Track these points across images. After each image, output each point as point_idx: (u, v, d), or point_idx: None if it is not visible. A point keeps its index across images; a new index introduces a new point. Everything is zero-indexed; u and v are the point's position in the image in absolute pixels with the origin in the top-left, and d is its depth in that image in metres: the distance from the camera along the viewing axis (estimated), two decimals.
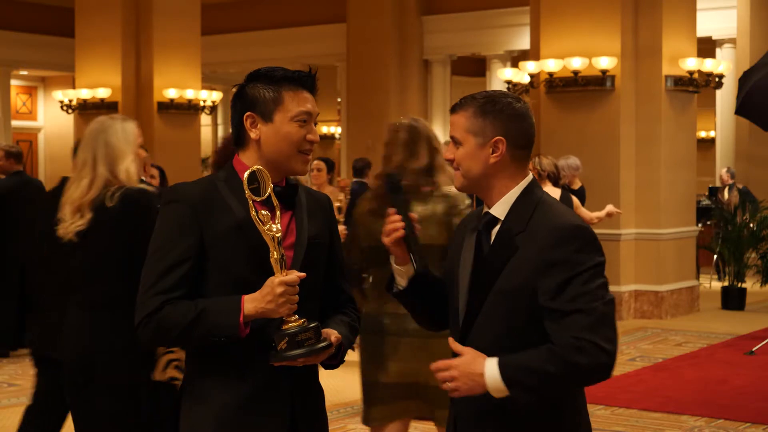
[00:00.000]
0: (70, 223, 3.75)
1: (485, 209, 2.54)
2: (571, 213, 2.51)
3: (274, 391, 2.52)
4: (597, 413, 6.63)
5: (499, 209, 2.50)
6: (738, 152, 15.66)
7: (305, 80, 2.59)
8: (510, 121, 2.48)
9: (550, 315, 2.37)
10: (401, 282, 2.60)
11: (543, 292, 2.38)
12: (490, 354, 2.38)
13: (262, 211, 2.43)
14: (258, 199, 2.44)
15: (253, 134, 2.56)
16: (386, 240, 2.53)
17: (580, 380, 2.42)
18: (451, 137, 2.54)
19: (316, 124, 2.62)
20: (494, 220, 2.50)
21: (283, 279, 2.40)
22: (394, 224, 2.52)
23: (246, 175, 2.45)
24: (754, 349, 8.81)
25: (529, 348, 2.37)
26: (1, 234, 8.84)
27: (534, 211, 2.46)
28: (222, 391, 2.50)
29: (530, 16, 12.42)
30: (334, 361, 2.60)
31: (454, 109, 2.53)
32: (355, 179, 9.73)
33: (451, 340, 2.46)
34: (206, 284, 2.50)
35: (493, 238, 2.49)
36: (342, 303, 2.72)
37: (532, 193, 2.50)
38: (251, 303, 2.42)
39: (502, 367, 2.35)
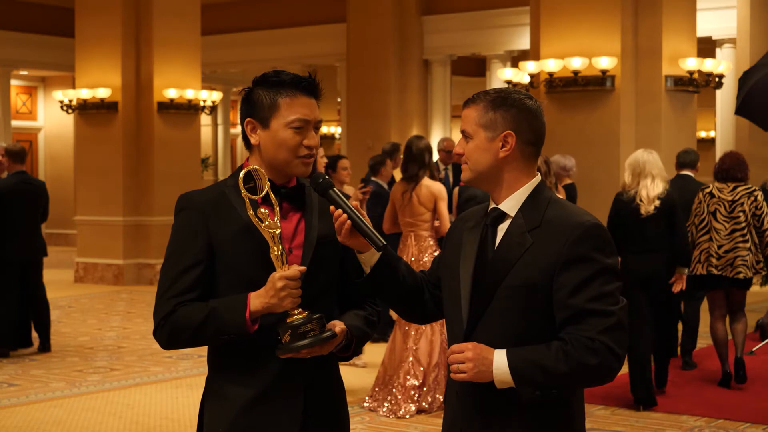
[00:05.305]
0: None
1: (491, 205, 2.54)
2: (586, 212, 2.51)
3: (287, 385, 2.57)
4: (597, 413, 6.63)
5: (509, 205, 2.50)
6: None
7: (303, 85, 2.60)
8: (521, 116, 2.49)
9: (566, 311, 2.38)
10: (366, 270, 2.60)
11: (561, 288, 2.38)
12: (498, 348, 2.39)
13: (261, 209, 2.49)
14: (254, 197, 2.48)
15: (253, 139, 2.63)
16: (340, 238, 2.53)
17: (587, 381, 2.43)
18: (462, 131, 2.55)
19: (318, 128, 2.63)
20: (502, 215, 2.51)
21: (284, 274, 2.46)
22: (339, 220, 2.52)
23: (242, 174, 2.50)
24: (754, 349, 8.82)
25: (538, 342, 2.38)
26: (1, 234, 8.82)
27: (547, 208, 2.47)
28: (237, 387, 2.58)
29: (530, 16, 12.42)
30: (347, 353, 2.64)
31: (466, 104, 2.55)
32: (373, 179, 9.53)
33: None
34: (219, 286, 2.58)
35: (501, 233, 2.49)
36: (361, 298, 2.73)
37: (542, 191, 2.51)
38: (257, 299, 2.49)
39: (511, 360, 2.37)
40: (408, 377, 6.71)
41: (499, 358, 2.37)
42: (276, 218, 2.49)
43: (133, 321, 10.95)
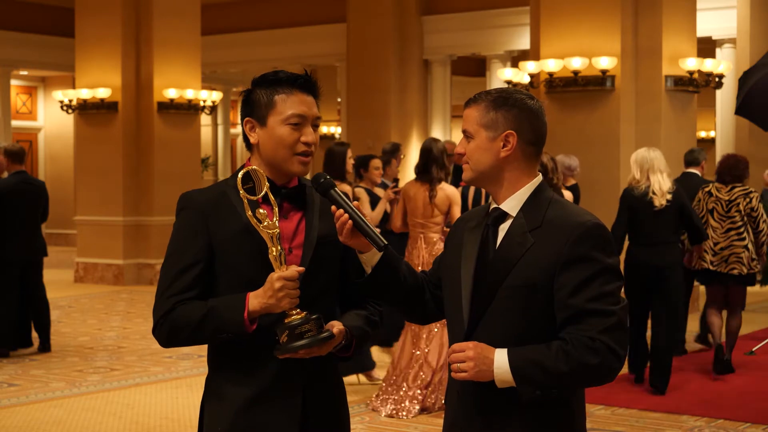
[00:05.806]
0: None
1: (493, 205, 2.54)
2: (587, 212, 2.51)
3: (286, 385, 2.58)
4: (597, 413, 6.63)
5: (510, 205, 2.50)
6: (738, 152, 15.67)
7: (300, 82, 2.61)
8: (522, 116, 2.48)
9: (567, 311, 2.38)
10: (367, 270, 2.59)
11: (561, 288, 2.38)
12: (499, 347, 2.39)
13: (260, 210, 2.49)
14: (252, 198, 2.49)
15: (252, 138, 2.63)
16: (342, 238, 2.53)
17: (588, 381, 2.43)
18: (464, 131, 2.54)
19: (317, 125, 2.63)
20: (504, 215, 2.50)
21: (282, 274, 2.46)
22: (341, 220, 2.52)
23: (240, 175, 2.51)
24: (754, 349, 8.82)
25: (538, 342, 2.38)
26: (1, 234, 8.82)
27: (548, 208, 2.47)
28: (236, 387, 2.59)
29: (530, 16, 12.42)
30: (347, 353, 2.63)
31: (467, 104, 2.55)
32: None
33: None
34: (219, 285, 2.59)
35: (502, 233, 2.49)
36: (362, 298, 2.73)
37: (544, 191, 2.51)
38: (255, 299, 2.49)
39: (512, 359, 2.37)
40: (417, 379, 6.71)
41: (500, 357, 2.37)
42: (275, 219, 2.49)
43: (133, 321, 10.95)
